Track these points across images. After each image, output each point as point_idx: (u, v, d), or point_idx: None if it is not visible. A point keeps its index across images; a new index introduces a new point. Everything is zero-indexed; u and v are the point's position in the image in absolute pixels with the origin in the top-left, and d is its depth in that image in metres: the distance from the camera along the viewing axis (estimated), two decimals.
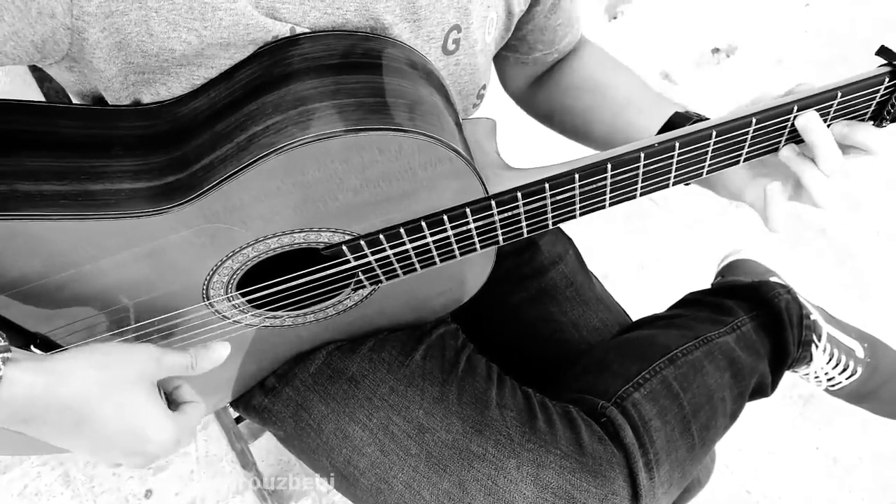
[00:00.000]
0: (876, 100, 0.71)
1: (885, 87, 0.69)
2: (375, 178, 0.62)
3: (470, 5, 0.73)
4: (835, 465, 1.56)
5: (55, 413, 0.55)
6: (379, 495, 0.81)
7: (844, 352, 1.14)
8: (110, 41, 0.60)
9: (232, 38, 0.62)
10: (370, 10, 0.66)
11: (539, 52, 0.94)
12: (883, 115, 0.73)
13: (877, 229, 1.92)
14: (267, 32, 0.62)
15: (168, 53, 0.61)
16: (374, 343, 0.87)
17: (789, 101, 0.68)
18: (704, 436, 0.88)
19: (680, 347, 0.93)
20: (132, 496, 1.49)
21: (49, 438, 0.58)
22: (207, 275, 0.68)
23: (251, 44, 0.63)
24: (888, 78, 0.68)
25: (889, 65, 0.69)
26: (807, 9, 2.47)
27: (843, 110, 0.70)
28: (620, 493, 0.78)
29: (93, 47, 0.60)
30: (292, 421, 0.87)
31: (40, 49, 0.59)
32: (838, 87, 0.68)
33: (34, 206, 0.57)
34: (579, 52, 0.99)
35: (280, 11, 0.63)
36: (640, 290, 1.80)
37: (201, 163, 0.61)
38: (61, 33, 0.59)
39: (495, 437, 0.79)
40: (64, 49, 0.61)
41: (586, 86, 0.95)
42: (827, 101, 0.68)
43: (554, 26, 0.91)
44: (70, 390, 0.55)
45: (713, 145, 0.69)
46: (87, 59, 0.62)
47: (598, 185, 0.70)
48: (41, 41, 0.59)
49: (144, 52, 0.61)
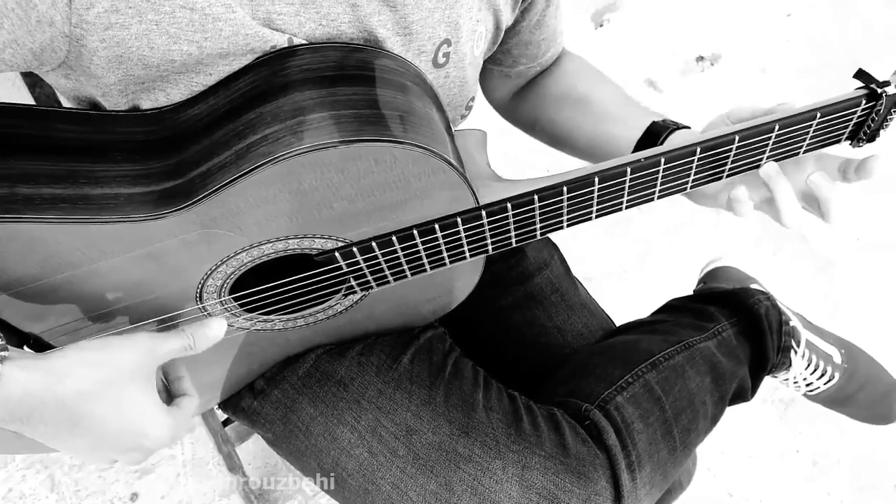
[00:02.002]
0: (853, 121, 0.74)
1: (861, 109, 0.72)
2: (370, 188, 0.64)
3: (460, 20, 0.75)
4: (814, 467, 1.58)
5: (52, 412, 0.56)
6: (367, 496, 0.82)
7: (823, 357, 1.16)
8: (110, 53, 0.60)
9: (231, 48, 0.63)
10: (364, 23, 0.67)
11: (522, 65, 0.96)
12: (859, 136, 0.76)
13: (857, 237, 1.95)
14: (265, 42, 0.63)
15: (168, 65, 0.62)
16: (362, 347, 0.88)
17: (771, 121, 0.70)
18: (686, 438, 0.89)
19: (662, 352, 0.94)
20: (118, 499, 1.49)
21: (45, 438, 0.58)
22: (202, 278, 0.69)
23: (250, 52, 0.64)
24: (865, 100, 0.72)
25: (866, 87, 0.72)
26: (789, 18, 2.50)
27: (822, 130, 0.73)
28: (603, 494, 0.79)
29: (91, 54, 0.61)
30: (281, 423, 0.87)
31: (38, 56, 0.60)
32: (818, 107, 0.71)
33: (34, 208, 0.57)
34: (561, 64, 1.01)
35: (276, 22, 0.64)
36: (622, 296, 1.81)
37: (199, 169, 0.62)
38: (59, 41, 0.59)
39: (481, 439, 0.81)
40: (61, 57, 0.61)
41: (568, 97, 0.97)
42: (807, 120, 0.71)
43: (538, 41, 0.93)
44: (66, 389, 0.56)
45: (697, 161, 0.71)
46: (85, 65, 0.62)
47: (585, 198, 0.72)
48: (39, 49, 0.59)
49: (145, 64, 0.62)
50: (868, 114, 0.74)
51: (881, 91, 0.71)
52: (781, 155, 0.75)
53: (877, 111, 0.73)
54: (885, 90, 0.71)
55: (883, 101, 0.72)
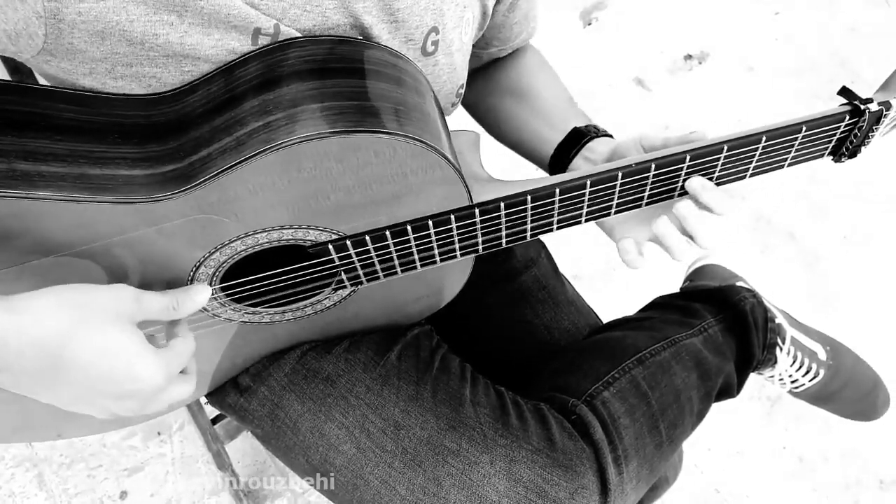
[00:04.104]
0: (836, 136, 0.76)
1: (844, 125, 0.75)
2: (368, 180, 0.64)
3: (444, 6, 0.74)
4: (800, 464, 1.60)
5: (31, 359, 0.53)
6: (355, 492, 0.82)
7: (807, 354, 1.17)
8: (89, 28, 0.59)
9: (213, 23, 0.61)
10: (349, 8, 0.67)
11: (494, 47, 0.96)
12: (841, 151, 0.79)
13: (843, 234, 1.97)
14: (249, 22, 0.62)
15: (152, 40, 0.60)
16: (348, 344, 0.88)
17: (758, 132, 0.73)
18: (672, 433, 0.90)
19: (648, 348, 0.95)
20: (107, 497, 1.49)
21: (28, 390, 0.56)
22: (194, 265, 0.69)
23: (234, 30, 0.63)
24: (848, 116, 0.74)
25: (849, 104, 0.75)
26: (777, 17, 2.51)
27: (806, 144, 0.76)
28: (590, 487, 0.80)
29: (70, 28, 0.58)
30: (269, 420, 0.88)
31: (14, 40, 0.58)
32: (803, 121, 0.73)
33: (33, 185, 0.57)
34: (518, 56, 1.01)
35: (259, 6, 0.63)
36: (609, 294, 1.82)
37: (199, 154, 0.62)
38: (34, 24, 0.57)
39: (469, 434, 0.81)
40: (39, 43, 0.59)
41: (512, 89, 0.98)
42: (792, 133, 0.73)
43: (511, 24, 0.93)
44: (44, 331, 0.52)
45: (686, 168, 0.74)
46: (66, 43, 0.60)
47: (576, 201, 0.73)
48: (14, 32, 0.57)
49: (129, 39, 0.60)
50: (851, 130, 0.76)
51: (864, 108, 0.74)
52: (764, 167, 0.77)
53: (859, 127, 0.75)
54: (867, 107, 0.74)
55: (865, 118, 0.74)
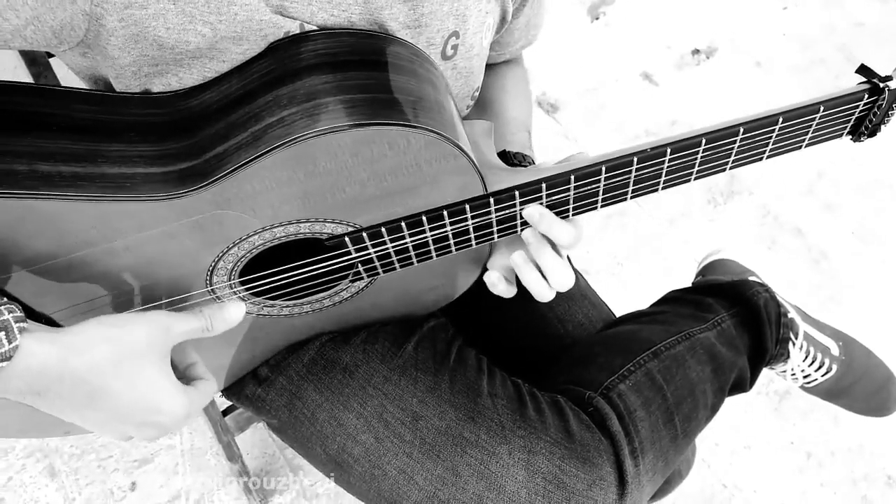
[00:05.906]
0: (855, 115, 0.76)
1: (863, 104, 0.74)
2: (383, 172, 0.64)
3: (467, 12, 0.75)
4: (808, 459, 1.60)
5: (69, 385, 0.57)
6: (373, 482, 0.83)
7: (820, 349, 1.17)
8: (127, 32, 0.61)
9: (245, 33, 0.63)
10: (374, 15, 0.68)
11: (494, 51, 0.97)
12: (860, 130, 0.78)
13: (851, 230, 1.97)
14: (278, 28, 0.64)
15: (183, 45, 0.63)
16: (366, 335, 0.89)
17: (775, 113, 0.72)
18: (687, 427, 0.90)
19: (663, 342, 0.95)
20: (117, 488, 1.49)
21: (61, 412, 0.59)
22: (213, 261, 0.70)
23: (262, 39, 0.65)
24: (867, 95, 0.73)
25: (868, 82, 0.74)
26: (784, 12, 2.51)
27: (825, 123, 0.75)
28: (608, 479, 0.80)
29: (109, 34, 0.62)
30: (286, 410, 0.88)
31: (57, 34, 0.61)
32: (821, 101, 0.72)
33: (52, 185, 0.58)
34: (500, 68, 1.02)
35: (289, 10, 0.65)
36: (620, 288, 1.83)
37: (215, 150, 0.63)
38: (79, 19, 0.60)
39: (487, 425, 0.81)
40: (80, 35, 0.62)
41: (481, 101, 0.99)
42: (810, 114, 0.72)
43: (513, 29, 0.94)
44: (83, 363, 0.57)
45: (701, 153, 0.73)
46: (102, 45, 0.63)
47: (591, 187, 0.73)
48: (59, 27, 0.60)
49: (161, 44, 0.63)
50: (870, 108, 0.75)
51: (883, 86, 0.73)
52: (782, 148, 0.76)
53: (879, 106, 0.74)
54: (887, 85, 0.73)
55: (885, 96, 0.73)
